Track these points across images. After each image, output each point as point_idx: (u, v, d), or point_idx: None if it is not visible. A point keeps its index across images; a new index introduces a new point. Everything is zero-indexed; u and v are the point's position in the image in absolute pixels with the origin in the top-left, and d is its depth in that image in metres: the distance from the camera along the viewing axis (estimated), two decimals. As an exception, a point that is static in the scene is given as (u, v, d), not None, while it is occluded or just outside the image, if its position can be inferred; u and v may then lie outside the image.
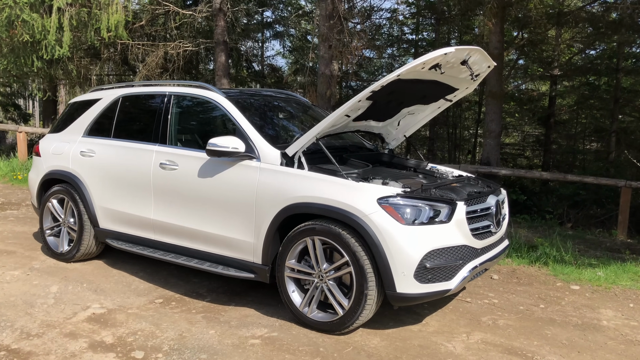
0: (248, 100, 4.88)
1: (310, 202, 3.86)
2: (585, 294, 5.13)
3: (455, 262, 3.70)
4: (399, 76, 3.79)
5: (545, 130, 17.58)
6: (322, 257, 3.87)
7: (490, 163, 10.45)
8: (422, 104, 4.92)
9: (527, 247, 6.77)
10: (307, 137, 4.03)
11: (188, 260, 4.57)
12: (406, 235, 3.58)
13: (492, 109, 10.53)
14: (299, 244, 3.95)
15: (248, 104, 4.80)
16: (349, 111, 4.17)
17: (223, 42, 13.43)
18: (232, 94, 4.78)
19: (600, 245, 8.24)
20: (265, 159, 4.19)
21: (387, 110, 4.78)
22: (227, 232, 4.31)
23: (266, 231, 4.06)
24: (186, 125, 4.98)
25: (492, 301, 4.81)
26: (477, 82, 4.68)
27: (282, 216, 3.98)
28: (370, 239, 3.61)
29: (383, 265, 3.60)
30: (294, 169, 4.08)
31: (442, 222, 3.68)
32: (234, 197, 4.25)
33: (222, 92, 4.66)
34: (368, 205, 3.65)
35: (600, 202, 12.16)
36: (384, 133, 5.27)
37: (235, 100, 4.61)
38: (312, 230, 3.85)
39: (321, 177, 3.93)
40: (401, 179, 4.32)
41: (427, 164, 5.08)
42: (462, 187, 4.25)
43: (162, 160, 4.72)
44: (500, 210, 4.24)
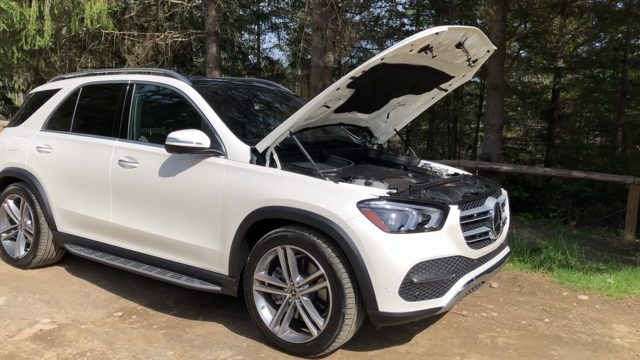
0: (218, 89, 4.37)
1: (281, 205, 3.35)
2: (594, 305, 4.62)
3: (447, 275, 3.19)
4: (384, 60, 3.27)
5: (548, 125, 17.04)
6: (294, 269, 3.37)
7: (491, 159, 9.93)
8: (413, 94, 4.39)
9: (530, 250, 6.26)
10: (279, 131, 3.52)
11: (149, 270, 4.07)
12: (390, 245, 3.07)
13: (494, 101, 10.00)
14: (269, 254, 3.44)
15: (217, 94, 4.29)
16: (327, 101, 3.65)
17: (214, 33, 12.89)
18: (199, 82, 4.27)
19: (607, 246, 7.74)
20: (233, 155, 3.68)
21: (373, 100, 4.26)
22: (190, 239, 3.81)
23: (233, 238, 3.56)
24: (149, 117, 4.47)
25: (490, 314, 4.30)
26: (475, 68, 4.15)
27: (250, 221, 3.48)
28: (348, 249, 3.10)
29: (363, 279, 3.09)
30: (265, 167, 3.58)
31: (432, 229, 3.17)
32: (197, 199, 3.75)
33: (187, 80, 4.14)
34: (346, 209, 3.14)
35: (606, 200, 11.65)
36: (372, 126, 4.75)
37: (202, 90, 4.09)
38: (283, 238, 3.35)
39: (294, 176, 3.42)
40: (388, 178, 3.80)
41: (419, 160, 4.57)
42: (457, 187, 3.73)
43: (121, 157, 4.22)
44: (500, 214, 3.73)
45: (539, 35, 14.64)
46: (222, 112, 4.03)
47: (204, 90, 4.11)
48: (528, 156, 19.42)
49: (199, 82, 4.28)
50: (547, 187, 13.17)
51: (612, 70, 15.78)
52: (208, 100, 3.99)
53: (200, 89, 4.09)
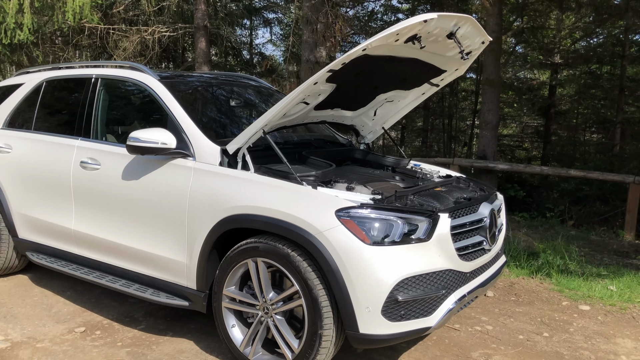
0: (189, 84, 4.02)
1: (252, 213, 3.01)
2: (597, 316, 4.30)
3: (436, 292, 2.86)
4: (366, 51, 2.92)
5: (545, 121, 16.73)
6: (267, 285, 3.03)
7: (487, 157, 9.60)
8: (402, 90, 4.05)
9: (527, 254, 5.94)
10: (252, 130, 3.18)
11: (113, 282, 3.72)
12: (372, 259, 2.73)
13: (489, 97, 9.67)
14: (239, 267, 3.10)
15: (188, 89, 3.94)
16: (304, 97, 3.31)
17: (203, 27, 12.51)
18: (169, 76, 3.91)
19: (607, 247, 7.45)
20: (202, 157, 3.34)
21: (358, 96, 3.92)
22: (155, 249, 3.47)
23: (200, 249, 3.22)
24: (115, 114, 4.12)
25: (485, 328, 3.97)
26: (469, 62, 3.82)
27: (218, 231, 3.13)
28: (325, 262, 2.76)
29: (342, 297, 2.75)
30: (236, 170, 3.23)
31: (419, 240, 2.84)
32: (162, 206, 3.40)
33: (155, 75, 3.79)
34: (324, 218, 2.80)
35: (604, 198, 11.36)
36: (358, 125, 4.41)
37: (170, 85, 3.74)
38: (254, 250, 3.01)
39: (266, 181, 3.08)
40: (373, 181, 3.47)
41: (408, 161, 4.23)
42: (448, 192, 3.40)
43: (83, 158, 3.87)
44: (495, 221, 3.39)
45: (536, 30, 14.31)
46: (192, 109, 3.69)
47: (172, 85, 3.76)
48: (524, 153, 19.13)
49: (169, 76, 3.93)
50: (544, 185, 12.87)
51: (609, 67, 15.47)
52: (177, 96, 3.64)
53: (169, 84, 3.74)
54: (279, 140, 3.88)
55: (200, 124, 3.55)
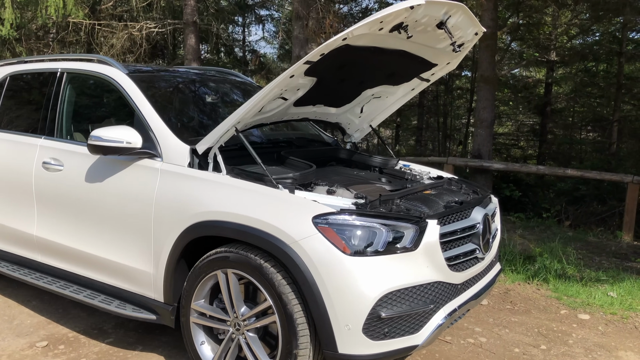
0: (161, 79, 3.75)
1: (221, 220, 2.73)
2: (597, 326, 4.04)
3: (424, 307, 2.59)
4: (346, 41, 2.65)
5: (541, 120, 16.50)
6: (238, 298, 2.75)
7: (482, 155, 9.35)
8: (390, 85, 3.78)
9: (523, 258, 5.68)
10: (223, 128, 2.90)
11: (77, 292, 3.44)
12: (352, 270, 2.46)
13: (484, 95, 9.41)
14: (208, 279, 2.83)
15: (159, 84, 3.67)
16: (281, 92, 3.03)
17: (192, 23, 12.20)
18: (138, 70, 3.63)
19: (605, 249, 7.22)
20: (170, 157, 3.06)
21: (342, 92, 3.65)
22: (120, 257, 3.19)
23: (167, 259, 2.94)
24: (81, 111, 3.83)
25: (478, 340, 3.71)
26: (461, 55, 3.55)
27: (186, 238, 2.86)
28: (301, 275, 2.49)
29: (319, 314, 2.48)
30: (207, 172, 2.96)
31: (405, 249, 2.57)
32: (127, 211, 3.12)
33: (123, 68, 3.50)
34: (299, 226, 2.53)
35: (601, 198, 11.14)
36: (344, 122, 4.13)
37: (139, 79, 3.46)
38: (224, 261, 2.73)
39: (238, 184, 2.80)
40: (357, 184, 3.20)
41: (396, 161, 3.96)
42: (438, 195, 3.13)
43: (45, 159, 3.58)
44: (489, 227, 3.13)
45: (532, 26, 14.07)
46: (162, 105, 3.41)
47: (142, 80, 3.48)
48: (520, 152, 18.90)
49: (138, 70, 3.65)
50: (540, 185, 12.63)
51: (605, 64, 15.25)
52: (145, 91, 3.35)
53: (138, 78, 3.45)
54: (256, 139, 3.61)
55: (170, 121, 3.28)
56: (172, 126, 3.19)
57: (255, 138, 3.64)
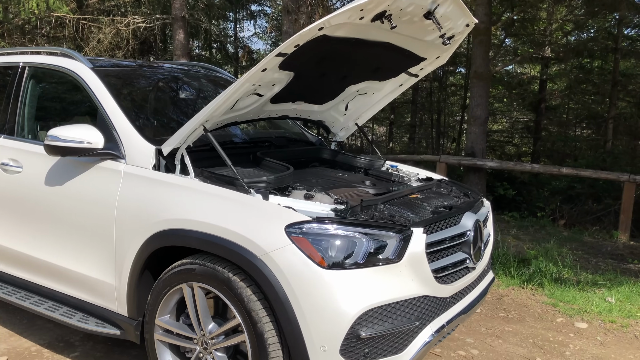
0: (128, 74, 3.48)
1: (187, 228, 2.48)
2: (595, 336, 3.82)
3: (408, 324, 2.35)
4: (323, 30, 2.41)
5: (535, 117, 16.32)
6: (205, 314, 2.51)
7: (475, 154, 9.13)
8: (375, 80, 3.53)
9: (518, 261, 5.46)
10: (190, 127, 2.65)
11: (38, 304, 3.18)
12: (329, 285, 2.22)
13: (478, 91, 9.18)
14: (173, 293, 2.58)
15: (126, 79, 3.41)
16: (254, 87, 2.78)
17: (181, 18, 11.91)
18: (104, 64, 3.37)
19: (601, 249, 7.03)
20: (134, 159, 2.81)
21: (324, 87, 3.40)
22: (82, 267, 2.94)
23: (130, 269, 2.69)
24: (43, 108, 3.57)
25: (470, 352, 3.48)
26: (452, 48, 3.31)
27: (150, 248, 2.61)
28: (272, 291, 2.25)
29: (292, 333, 2.24)
30: (173, 175, 2.71)
31: (388, 261, 2.33)
32: (88, 218, 2.87)
33: (87, 62, 3.24)
34: (271, 235, 2.29)
35: (596, 197, 10.95)
36: (328, 120, 3.89)
37: (104, 74, 3.20)
38: (189, 273, 2.49)
39: (206, 188, 2.55)
40: (338, 187, 2.95)
41: (383, 162, 3.72)
42: (426, 199, 2.89)
43: (3, 159, 3.32)
44: (481, 234, 2.89)
45: (526, 22, 13.86)
46: (128, 102, 3.16)
47: (107, 75, 3.22)
48: (514, 149, 18.73)
49: (104, 64, 3.39)
50: (535, 183, 12.44)
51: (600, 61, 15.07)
52: (110, 87, 3.09)
53: (103, 73, 3.19)
54: (231, 138, 3.36)
55: (136, 119, 3.02)
56: (138, 125, 2.94)
57: (230, 138, 3.40)
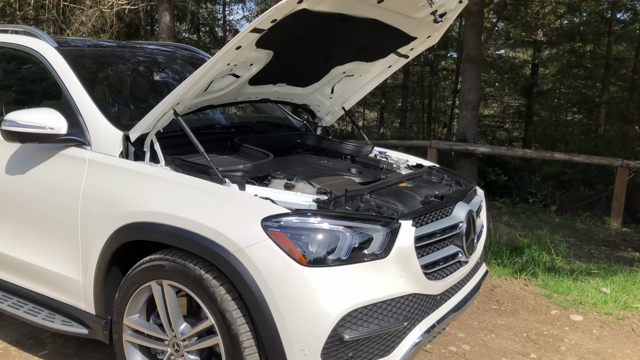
0: (97, 54, 3.25)
1: (155, 221, 2.28)
2: (591, 329, 3.68)
3: (396, 325, 2.17)
4: (303, 4, 2.19)
5: (527, 101, 16.16)
6: (176, 314, 2.31)
7: (467, 139, 8.95)
8: (363, 61, 3.31)
9: (510, 249, 5.31)
10: (159, 112, 2.43)
11: (1, 301, 2.98)
12: (309, 284, 2.03)
13: (470, 76, 8.98)
14: (142, 291, 2.38)
15: (94, 60, 3.17)
16: (230, 67, 2.55)
17: (167, 0, 11.57)
18: (69, 44, 3.13)
19: (594, 236, 6.92)
20: (100, 145, 2.59)
21: (308, 68, 3.18)
22: (46, 262, 2.73)
23: (96, 265, 2.49)
24: (4, 90, 3.32)
25: (461, 348, 3.33)
26: (444, 27, 3.10)
27: (116, 242, 2.40)
28: (247, 290, 2.06)
29: (269, 336, 2.05)
30: (142, 163, 2.50)
31: (373, 256, 2.14)
32: (51, 209, 2.65)
33: (52, 41, 2.99)
34: (246, 230, 2.09)
35: (588, 182, 10.85)
36: (312, 104, 3.67)
37: (70, 54, 2.95)
38: (159, 270, 2.29)
39: (176, 178, 2.34)
40: (322, 176, 2.76)
41: (371, 148, 3.52)
42: (416, 188, 2.70)
43: (-38, 147, 3.08)
44: (473, 225, 2.71)
45: (519, 4, 13.64)
46: (95, 84, 2.93)
47: (73, 55, 2.98)
48: (505, 134, 18.61)
49: (70, 43, 3.15)
50: (526, 168, 12.32)
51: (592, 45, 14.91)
52: (76, 67, 2.86)
53: (68, 53, 2.95)
54: (208, 123, 3.14)
55: (104, 103, 2.80)
56: (105, 109, 2.72)
57: (208, 122, 3.18)
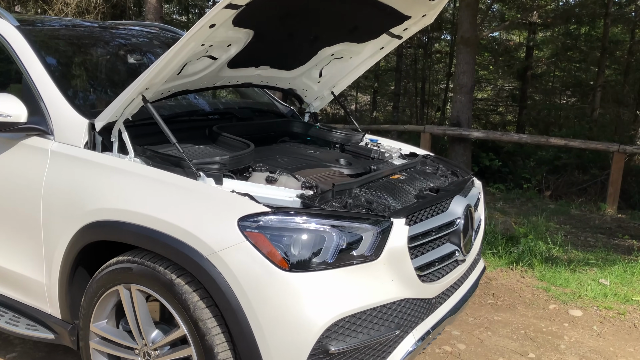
0: (64, 35, 2.99)
1: (122, 221, 2.06)
2: (591, 325, 3.52)
3: (387, 333, 1.98)
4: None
5: (521, 85, 15.95)
6: (147, 322, 2.11)
7: (461, 123, 8.75)
8: (353, 42, 3.08)
9: (506, 239, 5.14)
10: (126, 97, 2.20)
11: (-38, 302, 2.76)
12: (291, 291, 1.83)
13: (464, 58, 8.74)
14: (109, 296, 2.17)
15: (60, 40, 2.91)
16: (204, 48, 2.31)
17: (153, -20, 11.15)
18: (33, 22, 2.87)
19: (589, 223, 6.77)
20: (63, 135, 2.35)
21: (293, 50, 2.94)
22: (7, 262, 2.51)
23: (60, 266, 2.27)
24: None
25: (456, 348, 3.16)
26: (440, 5, 2.87)
27: (81, 242, 2.18)
28: (222, 298, 1.85)
29: (247, 349, 1.86)
30: (108, 155, 2.27)
31: (363, 258, 1.94)
32: (11, 205, 2.43)
33: (12, 19, 2.73)
34: (221, 231, 1.88)
35: (583, 167, 10.71)
36: (300, 89, 3.43)
37: (33, 33, 2.70)
38: (126, 273, 2.07)
39: (145, 172, 2.12)
40: (308, 168, 2.54)
41: (362, 136, 3.30)
42: (410, 181, 2.50)
43: None
44: (472, 220, 2.51)
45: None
46: (60, 67, 2.68)
47: (36, 35, 2.72)
48: (499, 118, 18.41)
49: (34, 22, 2.89)
50: (520, 153, 12.16)
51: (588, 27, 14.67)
52: (39, 48, 2.61)
53: (31, 33, 2.70)
54: (184, 110, 2.91)
55: (70, 88, 2.56)
56: (69, 95, 2.48)
57: (184, 109, 2.94)
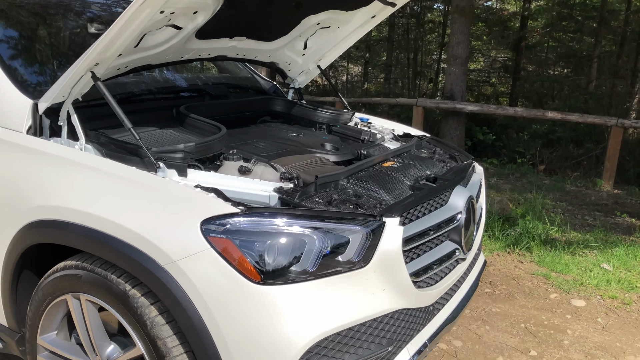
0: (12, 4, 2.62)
1: (67, 221, 1.75)
2: (596, 317, 3.30)
3: (378, 351, 1.71)
4: None
5: (514, 56, 15.56)
6: (99, 336, 1.82)
7: (455, 96, 8.43)
8: (341, 10, 2.74)
9: (502, 220, 4.91)
10: (72, 75, 1.86)
11: None
12: (265, 307, 1.55)
13: (459, 28, 8.37)
14: (57, 305, 1.88)
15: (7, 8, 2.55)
16: (163, 15, 1.96)
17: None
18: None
19: (585, 199, 6.56)
20: (2, 117, 2.02)
21: (273, 19, 2.60)
22: (-54, 262, 2.20)
23: (1, 268, 1.98)
24: None
25: (453, 345, 2.92)
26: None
27: (24, 242, 1.88)
28: (182, 314, 1.57)
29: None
30: (52, 141, 1.95)
31: (350, 265, 1.65)
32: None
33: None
34: (180, 236, 1.58)
35: (577, 141, 10.48)
36: (282, 62, 3.10)
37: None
38: (75, 281, 1.78)
39: (93, 163, 1.81)
40: (288, 154, 2.23)
41: (351, 115, 2.99)
42: (404, 168, 2.20)
43: None
44: (473, 213, 2.23)
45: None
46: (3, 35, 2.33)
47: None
48: (491, 89, 18.07)
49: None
50: (514, 126, 11.88)
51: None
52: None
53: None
54: (148, 88, 2.57)
55: (13, 62, 2.21)
56: (12, 70, 2.14)
57: (149, 87, 2.60)
